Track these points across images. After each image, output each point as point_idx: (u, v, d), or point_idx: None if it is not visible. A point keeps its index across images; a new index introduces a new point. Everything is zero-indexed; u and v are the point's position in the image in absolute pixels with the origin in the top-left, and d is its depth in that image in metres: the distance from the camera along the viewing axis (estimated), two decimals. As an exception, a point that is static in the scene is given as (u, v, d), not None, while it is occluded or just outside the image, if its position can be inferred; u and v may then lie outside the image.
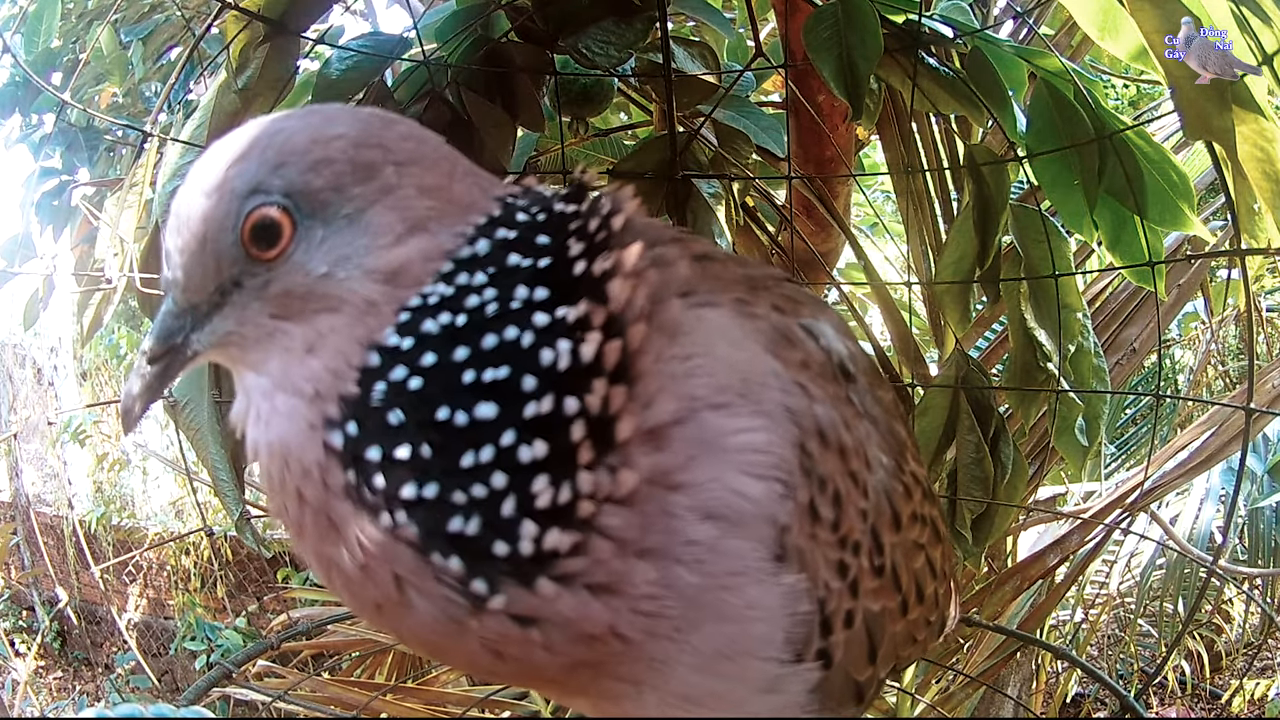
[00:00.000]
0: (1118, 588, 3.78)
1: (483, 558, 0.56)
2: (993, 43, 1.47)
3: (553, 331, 0.58)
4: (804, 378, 0.66)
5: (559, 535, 0.56)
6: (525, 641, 0.58)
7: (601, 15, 1.40)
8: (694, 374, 0.60)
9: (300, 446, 0.59)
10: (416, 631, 0.61)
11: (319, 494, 0.59)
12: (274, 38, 1.33)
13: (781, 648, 0.63)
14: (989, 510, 1.51)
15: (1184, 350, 4.86)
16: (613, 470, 0.57)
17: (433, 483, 0.56)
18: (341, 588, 0.61)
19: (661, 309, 0.61)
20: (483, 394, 0.56)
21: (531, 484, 0.56)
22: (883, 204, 3.62)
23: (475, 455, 0.56)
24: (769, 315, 0.68)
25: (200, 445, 1.45)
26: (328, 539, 0.59)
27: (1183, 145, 2.13)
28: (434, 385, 0.57)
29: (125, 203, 1.42)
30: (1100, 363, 1.55)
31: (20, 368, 6.55)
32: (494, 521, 0.56)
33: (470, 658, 0.61)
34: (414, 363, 0.58)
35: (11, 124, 2.60)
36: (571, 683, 0.65)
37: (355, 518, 0.57)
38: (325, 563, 0.61)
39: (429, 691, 1.87)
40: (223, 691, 1.58)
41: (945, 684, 2.26)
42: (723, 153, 1.63)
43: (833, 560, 0.67)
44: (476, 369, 0.57)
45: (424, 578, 0.57)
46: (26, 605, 6.04)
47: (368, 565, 0.58)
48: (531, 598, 0.57)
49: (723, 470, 0.60)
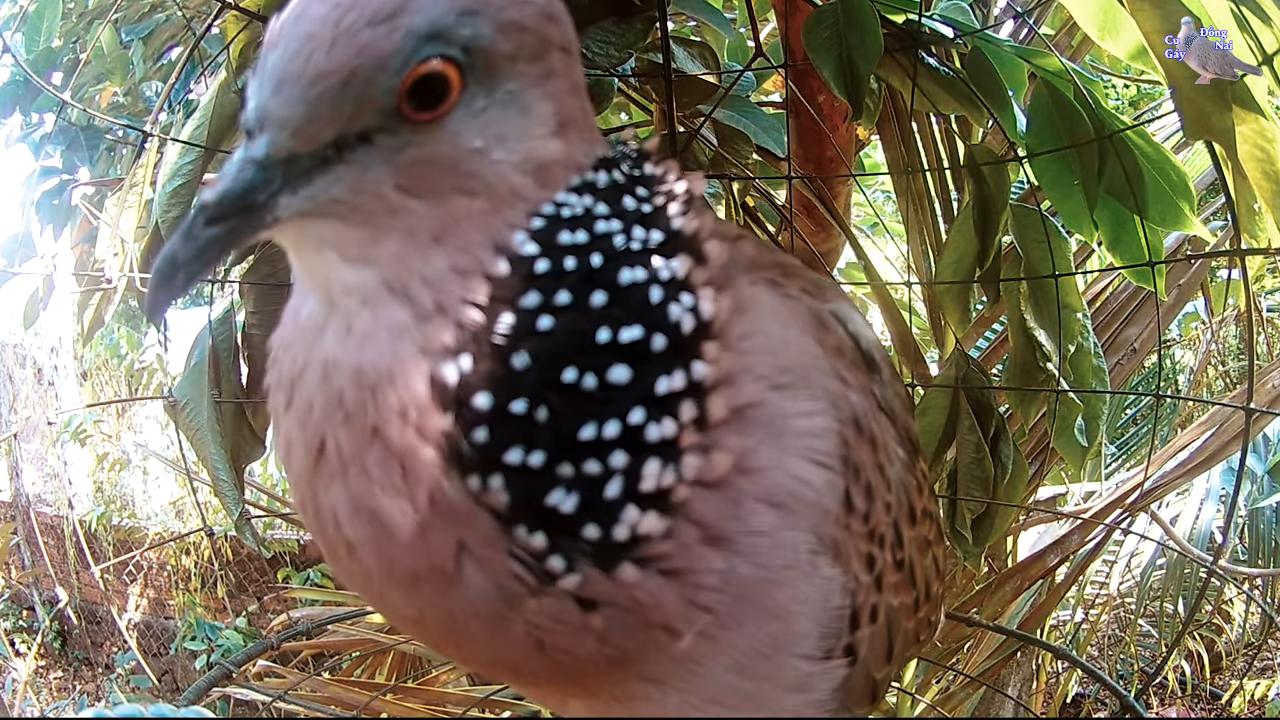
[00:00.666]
0: (1118, 588, 3.78)
1: (569, 536, 0.50)
2: (993, 43, 1.47)
3: (674, 285, 0.52)
4: (840, 365, 0.64)
5: (655, 520, 0.51)
6: (580, 629, 0.53)
7: (601, 15, 1.40)
8: (758, 352, 0.57)
9: (404, 376, 0.50)
10: (451, 612, 0.53)
11: (403, 436, 0.49)
12: (274, 37, 1.32)
13: (816, 644, 0.61)
14: (989, 510, 1.51)
15: (1184, 350, 4.86)
16: (706, 452, 0.52)
17: (540, 450, 0.49)
18: (372, 548, 0.52)
19: (734, 288, 0.57)
20: (615, 356, 0.50)
21: (644, 465, 0.50)
22: (883, 204, 3.62)
23: (598, 428, 0.50)
24: (802, 298, 0.66)
25: (200, 445, 1.45)
26: (387, 488, 0.50)
27: (1183, 145, 2.13)
28: (565, 333, 0.50)
29: (125, 203, 1.42)
30: (1100, 363, 1.55)
31: (20, 368, 6.55)
32: (594, 501, 0.50)
33: (502, 648, 0.55)
34: (548, 294, 0.51)
35: (11, 123, 2.60)
36: (593, 683, 0.60)
37: (437, 471, 0.49)
38: (364, 513, 0.51)
39: (429, 691, 1.86)
40: (223, 691, 1.58)
41: (945, 684, 2.26)
42: (723, 153, 1.63)
43: (863, 553, 0.65)
44: (612, 325, 0.50)
45: (495, 550, 0.50)
46: (27, 605, 6.04)
47: (430, 526, 0.50)
48: (608, 582, 0.51)
49: (785, 455, 0.56)
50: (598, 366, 0.50)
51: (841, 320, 0.69)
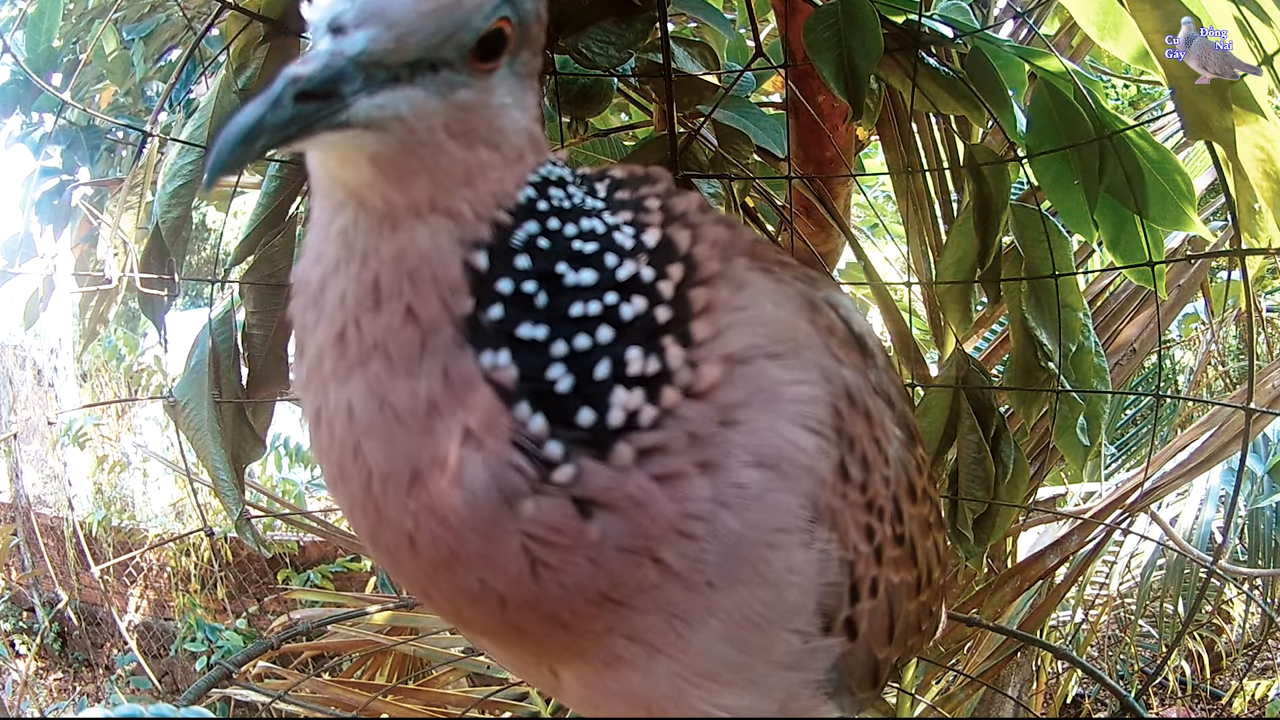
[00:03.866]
0: (1118, 588, 3.78)
1: (565, 425, 0.55)
2: (993, 43, 1.47)
3: (639, 232, 0.62)
4: (832, 343, 0.67)
5: (645, 407, 0.56)
6: (576, 541, 0.55)
7: (601, 15, 1.40)
8: (753, 324, 0.61)
9: (443, 259, 0.56)
10: (446, 518, 0.55)
11: (434, 315, 0.55)
12: (274, 38, 1.33)
13: (811, 617, 0.63)
14: (990, 510, 1.51)
15: (1184, 351, 4.86)
16: (694, 365, 0.58)
17: (543, 324, 0.56)
18: (380, 439, 0.55)
19: (730, 264, 0.63)
20: (588, 261, 0.59)
21: (627, 348, 0.57)
22: (883, 204, 3.62)
23: (584, 305, 0.57)
24: (795, 284, 0.69)
25: (200, 445, 1.45)
26: (404, 371, 0.55)
27: (1183, 145, 2.13)
28: (556, 247, 0.59)
29: (126, 203, 1.42)
30: (1101, 362, 1.55)
31: (20, 369, 6.55)
32: (587, 382, 0.56)
33: (495, 570, 0.56)
34: (544, 222, 0.59)
35: (11, 123, 2.60)
36: (581, 633, 0.60)
37: (454, 349, 0.55)
38: (377, 400, 0.55)
39: (429, 692, 1.86)
40: (223, 693, 1.58)
41: (945, 684, 2.26)
42: (723, 153, 1.63)
43: (861, 523, 0.67)
44: (583, 242, 0.59)
45: (497, 436, 0.54)
46: (27, 606, 6.03)
47: (439, 410, 0.54)
48: (603, 471, 0.55)
49: (777, 419, 0.60)
50: (577, 266, 0.58)
51: (833, 305, 0.73)
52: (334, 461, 0.58)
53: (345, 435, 0.57)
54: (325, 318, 0.57)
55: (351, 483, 0.57)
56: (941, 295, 1.60)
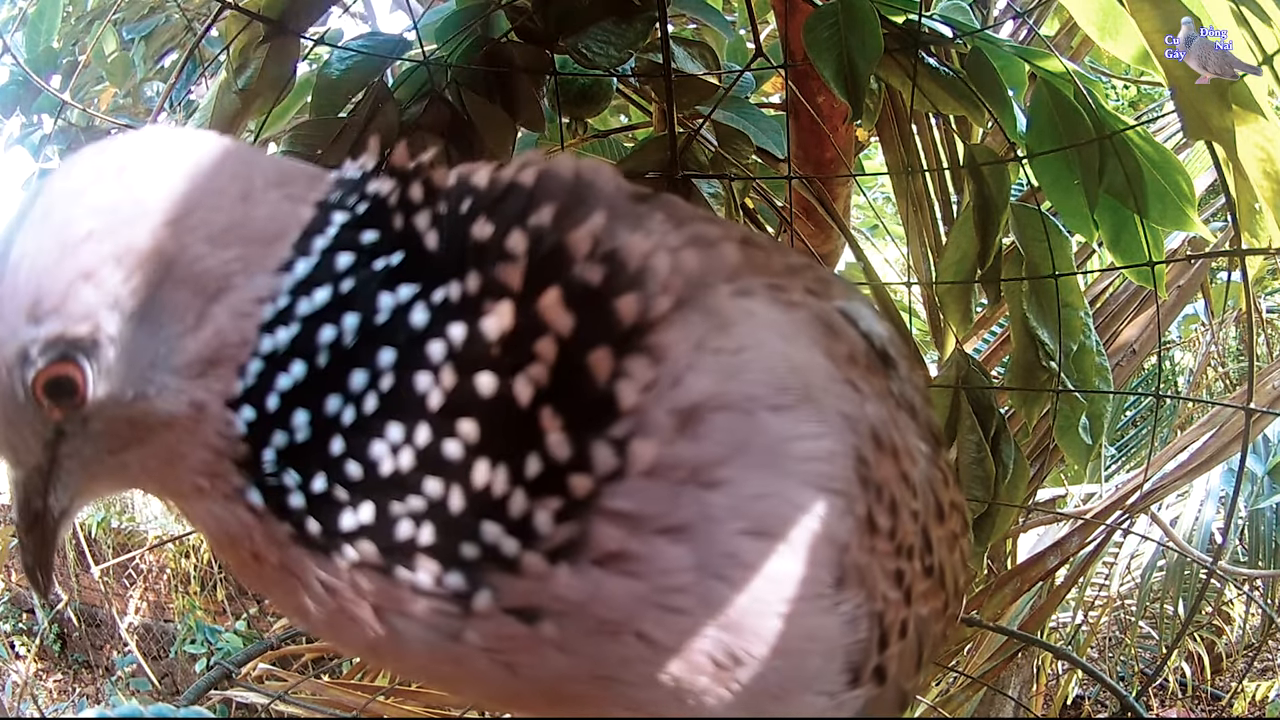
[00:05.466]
0: (1118, 589, 3.77)
1: (452, 559, 0.49)
2: (993, 43, 1.47)
3: (440, 314, 0.49)
4: (854, 374, 0.59)
5: (542, 516, 0.48)
6: (535, 642, 0.51)
7: (601, 15, 1.40)
8: (748, 369, 0.52)
9: (230, 521, 0.52)
10: (419, 663, 0.55)
11: (272, 553, 0.52)
12: (274, 38, 1.33)
13: (837, 676, 0.57)
14: (990, 511, 1.51)
15: (1184, 351, 4.86)
16: (619, 443, 0.49)
17: (366, 502, 0.49)
18: (332, 637, 0.56)
19: (706, 294, 0.53)
20: (374, 400, 0.49)
21: (471, 474, 0.48)
22: (883, 205, 3.62)
23: (394, 460, 0.49)
24: (806, 301, 0.60)
25: (200, 446, 1.45)
26: (298, 593, 0.52)
27: (1183, 145, 2.13)
28: (319, 428, 0.49)
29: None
30: (1103, 361, 1.55)
31: (20, 370, 6.54)
32: (447, 524, 0.49)
33: (484, 680, 0.54)
34: (287, 420, 0.49)
35: (10, 125, 2.60)
36: (594, 699, 0.57)
37: (314, 561, 0.51)
38: (305, 617, 0.54)
39: (429, 693, 1.86)
40: (223, 694, 1.58)
41: (946, 685, 2.25)
42: (722, 153, 1.63)
43: (890, 570, 0.60)
44: (349, 397, 0.49)
45: (399, 599, 0.50)
46: (26, 608, 6.03)
47: (343, 607, 0.51)
48: (521, 581, 0.49)
49: (783, 482, 0.52)
50: (361, 430, 0.49)
51: (852, 319, 0.64)
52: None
53: (308, 628, 0.58)
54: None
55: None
56: (941, 295, 1.60)
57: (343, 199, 0.52)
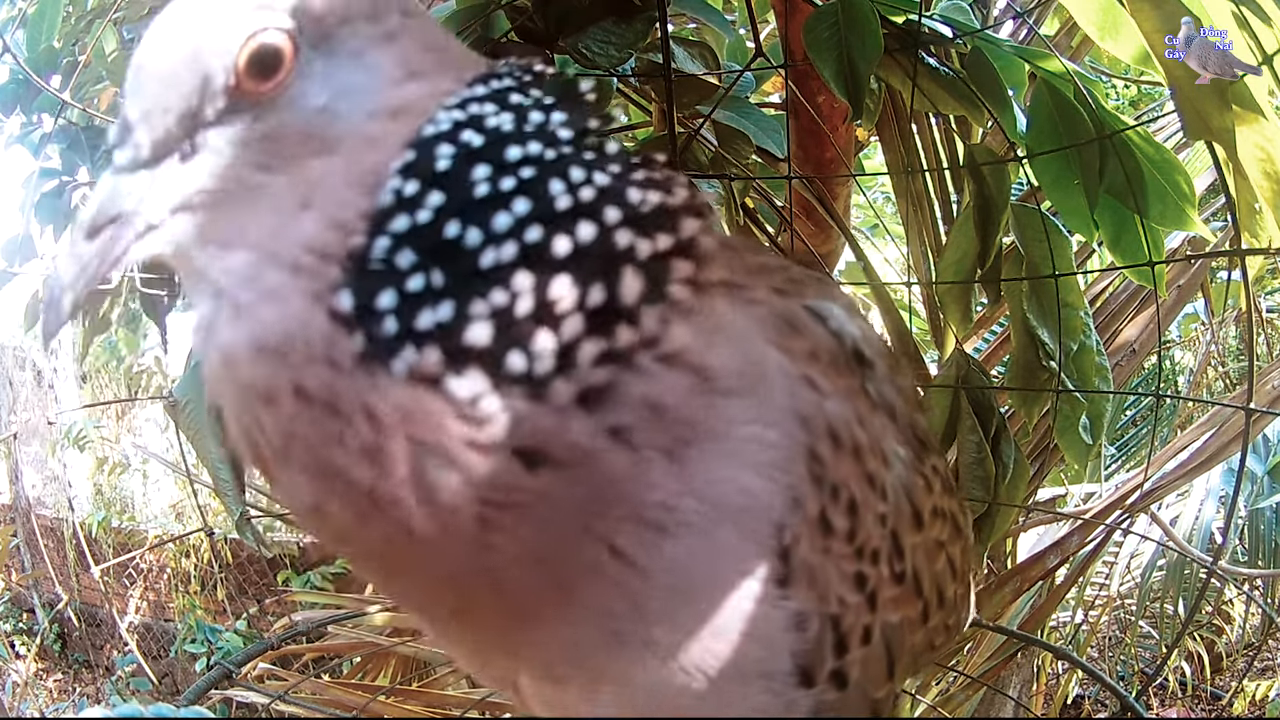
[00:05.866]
0: (1118, 589, 3.78)
1: (496, 372, 0.50)
2: (993, 43, 1.47)
3: (572, 156, 0.54)
4: (813, 370, 0.60)
5: (588, 348, 0.50)
6: (528, 498, 0.50)
7: (601, 15, 1.40)
8: (712, 348, 0.55)
9: (302, 325, 0.50)
10: (417, 527, 0.51)
11: (324, 379, 0.49)
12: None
13: (785, 674, 0.58)
14: (990, 510, 1.51)
15: (1184, 351, 4.86)
16: (664, 321, 0.52)
17: (448, 300, 0.50)
18: (345, 501, 0.51)
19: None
20: (503, 202, 0.51)
21: (553, 282, 0.50)
22: (883, 205, 3.62)
23: (496, 252, 0.50)
24: (769, 300, 0.62)
25: (200, 445, 1.45)
26: (330, 442, 0.50)
27: (1183, 145, 2.13)
28: (446, 209, 0.51)
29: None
30: (1103, 361, 1.55)
31: (20, 370, 6.55)
32: (510, 326, 0.50)
33: (463, 558, 0.52)
34: (423, 197, 0.51)
35: (10, 124, 2.60)
36: (532, 616, 0.56)
37: (365, 387, 0.49)
38: (324, 472, 0.51)
39: (429, 693, 1.86)
40: (223, 693, 1.58)
41: (945, 685, 2.25)
42: (723, 153, 1.63)
43: (849, 573, 0.61)
44: (493, 181, 0.52)
45: (437, 422, 0.49)
46: (27, 607, 6.03)
47: (380, 446, 0.49)
48: (542, 411, 0.50)
49: (730, 462, 0.54)
50: (481, 219, 0.51)
51: (821, 316, 0.64)
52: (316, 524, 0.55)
53: (313, 497, 0.53)
54: (232, 421, 0.54)
55: (338, 535, 0.55)
56: (942, 295, 1.60)
57: (512, 72, 0.58)
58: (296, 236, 0.51)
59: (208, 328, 0.52)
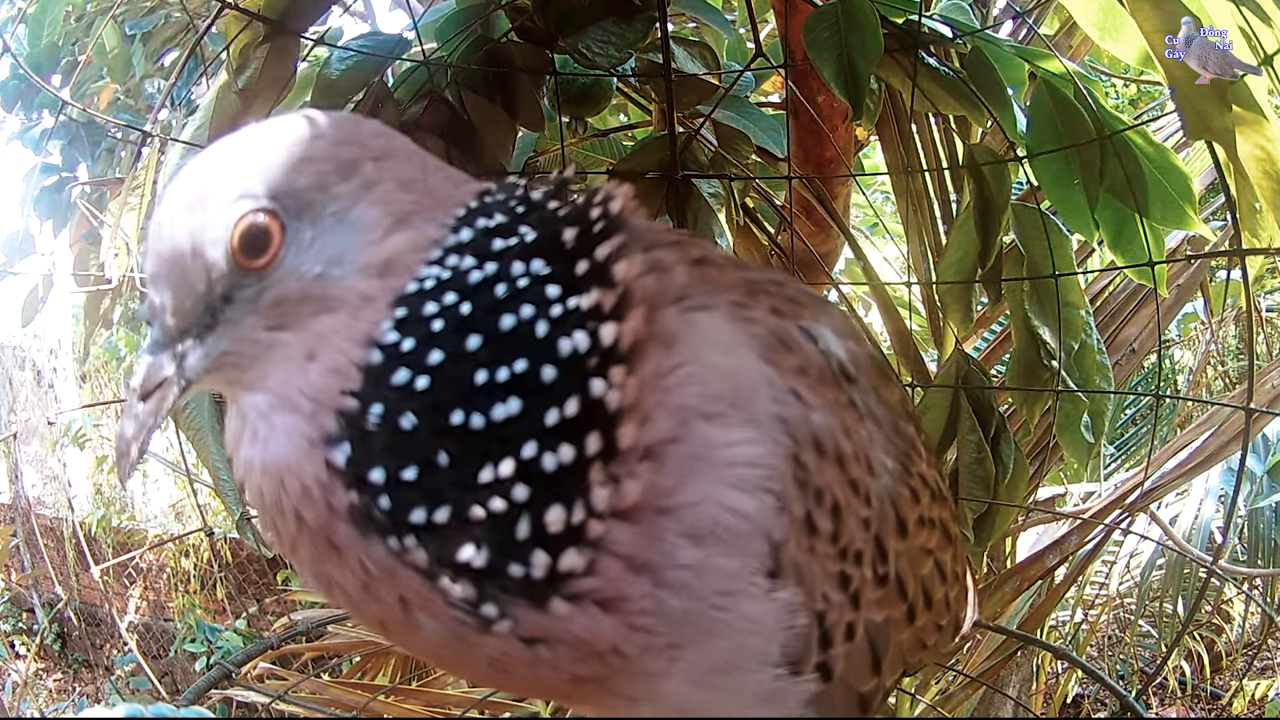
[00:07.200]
0: (1117, 588, 3.78)
1: (494, 582, 0.55)
2: (993, 43, 1.47)
3: (566, 318, 0.56)
4: (800, 384, 0.63)
5: (574, 556, 0.55)
6: (532, 660, 0.58)
7: (601, 15, 1.40)
8: (686, 383, 0.58)
9: (299, 465, 0.57)
10: (422, 647, 0.61)
11: (320, 516, 0.56)
12: (274, 38, 1.33)
13: (778, 661, 0.62)
14: (990, 510, 1.51)
15: (1184, 350, 4.86)
16: (616, 481, 0.55)
17: (445, 506, 0.54)
18: (344, 603, 0.61)
19: (657, 316, 0.59)
20: (501, 393, 0.54)
21: (549, 502, 0.54)
22: (882, 205, 3.62)
23: (494, 468, 0.54)
24: (766, 319, 0.66)
25: (201, 445, 1.45)
26: (328, 560, 0.58)
27: (1183, 145, 2.13)
28: (445, 384, 0.55)
29: (127, 204, 1.42)
30: (1104, 360, 1.55)
31: (20, 369, 6.55)
32: (507, 545, 0.54)
33: (475, 671, 0.61)
34: (420, 360, 0.55)
35: (11, 120, 2.60)
36: (574, 694, 0.66)
37: (359, 541, 0.56)
38: (325, 580, 0.59)
39: (429, 693, 1.86)
40: (223, 693, 1.58)
41: (945, 684, 2.25)
42: (723, 153, 1.63)
43: (833, 572, 0.65)
44: (490, 364, 0.55)
45: (431, 602, 0.56)
46: (26, 607, 6.04)
47: (371, 586, 0.57)
48: (543, 618, 0.56)
49: (713, 486, 0.58)
50: (482, 407, 0.54)
51: (812, 337, 0.68)
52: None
53: (316, 587, 0.62)
54: (252, 500, 0.62)
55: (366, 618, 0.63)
56: (942, 295, 1.60)
57: (505, 200, 0.62)
58: (302, 384, 0.58)
59: (235, 441, 0.61)
